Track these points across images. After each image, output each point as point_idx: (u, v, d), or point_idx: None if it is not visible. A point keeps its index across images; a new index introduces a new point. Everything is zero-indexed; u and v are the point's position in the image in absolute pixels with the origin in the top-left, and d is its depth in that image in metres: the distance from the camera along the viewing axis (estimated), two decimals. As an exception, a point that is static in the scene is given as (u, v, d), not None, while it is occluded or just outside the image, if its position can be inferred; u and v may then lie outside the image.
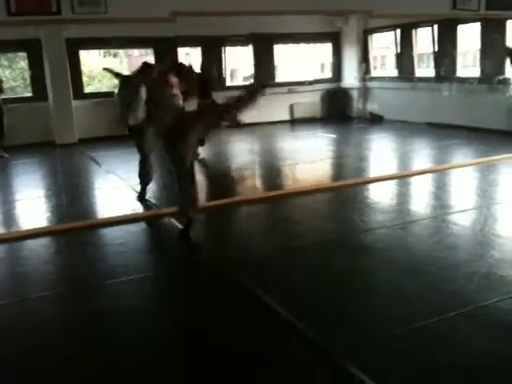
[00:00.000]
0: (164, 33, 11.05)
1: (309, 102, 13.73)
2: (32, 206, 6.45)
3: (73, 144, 10.97)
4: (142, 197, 6.28)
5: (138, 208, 6.03)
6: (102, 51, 19.32)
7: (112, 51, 19.88)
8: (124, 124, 5.89)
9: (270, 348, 3.02)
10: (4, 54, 12.46)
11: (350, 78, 13.88)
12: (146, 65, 5.61)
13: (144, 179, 6.32)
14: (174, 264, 4.53)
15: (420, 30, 12.13)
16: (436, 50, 11.64)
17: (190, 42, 12.57)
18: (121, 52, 21.82)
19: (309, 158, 8.86)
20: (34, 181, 8.07)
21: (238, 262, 4.33)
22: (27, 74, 12.02)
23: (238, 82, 14.37)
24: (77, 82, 11.54)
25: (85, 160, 9.43)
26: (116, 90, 10.55)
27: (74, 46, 11.34)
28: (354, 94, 13.70)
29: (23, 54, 12.01)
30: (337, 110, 13.74)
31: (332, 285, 3.85)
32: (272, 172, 8.28)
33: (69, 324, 3.47)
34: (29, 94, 11.71)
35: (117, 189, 7.05)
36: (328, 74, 14.79)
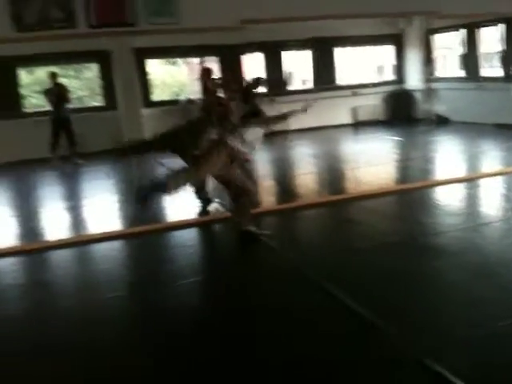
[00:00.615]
0: (228, 40, 11.30)
1: (371, 104, 13.65)
2: (106, 209, 6.75)
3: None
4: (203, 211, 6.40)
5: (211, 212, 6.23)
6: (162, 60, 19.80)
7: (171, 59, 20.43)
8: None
9: (352, 349, 3.06)
10: (76, 64, 13.01)
11: (414, 79, 13.70)
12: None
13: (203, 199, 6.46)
14: (246, 265, 4.63)
15: (485, 29, 11.85)
16: (503, 49, 11.34)
17: (252, 48, 12.74)
18: (179, 60, 22.34)
19: (374, 160, 8.83)
20: (108, 186, 8.43)
21: (311, 262, 4.40)
22: (94, 84, 12.55)
23: (298, 86, 14.45)
24: (144, 91, 11.97)
25: (154, 166, 9.73)
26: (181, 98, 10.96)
27: (142, 56, 11.77)
28: (419, 96, 13.50)
29: (89, 65, 12.57)
30: (400, 113, 13.58)
31: (405, 286, 3.86)
32: (336, 175, 8.30)
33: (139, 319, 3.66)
34: (99, 104, 12.24)
35: (187, 192, 7.27)
36: (390, 75, 14.64)
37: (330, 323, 3.39)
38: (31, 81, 12.85)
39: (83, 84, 17.61)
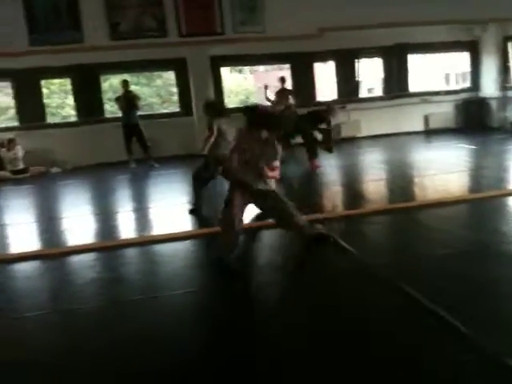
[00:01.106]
0: (300, 48, 11.48)
1: (444, 112, 13.46)
2: (178, 211, 7.03)
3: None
4: None
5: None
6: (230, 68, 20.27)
7: (237, 68, 20.90)
8: None
9: (434, 353, 3.13)
10: (154, 72, 13.56)
11: (489, 87, 13.40)
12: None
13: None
14: (324, 267, 4.74)
15: None
16: None
17: (324, 55, 12.86)
18: (245, 68, 22.63)
19: (446, 168, 8.73)
20: (181, 188, 8.76)
21: (391, 265, 4.47)
22: (163, 91, 13.06)
23: (365, 93, 14.49)
24: (218, 98, 12.33)
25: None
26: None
27: (216, 63, 12.12)
28: (494, 104, 13.20)
29: (161, 73, 13.09)
30: (474, 120, 13.32)
31: (489, 292, 3.85)
32: (408, 182, 8.28)
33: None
34: (174, 110, 12.73)
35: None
36: (464, 83, 14.39)
37: (408, 323, 3.47)
38: (105, 88, 13.54)
39: (153, 91, 18.35)
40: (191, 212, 6.68)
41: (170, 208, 7.18)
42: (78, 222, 6.81)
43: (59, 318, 3.97)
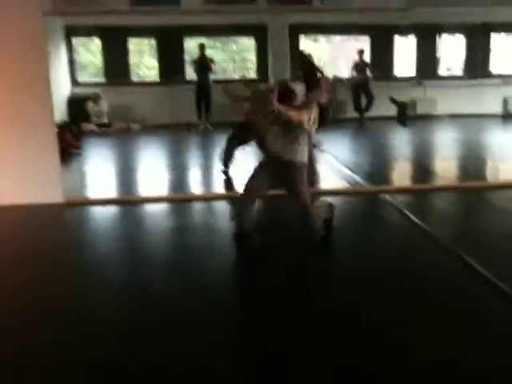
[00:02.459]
0: (380, 20, 11.40)
1: (525, 95, 13.06)
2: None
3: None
4: None
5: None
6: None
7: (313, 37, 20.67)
8: None
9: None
10: (235, 37, 13.79)
11: None
12: None
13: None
14: (400, 237, 4.88)
15: None
16: None
17: (405, 29, 12.67)
18: (321, 38, 22.26)
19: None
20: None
21: (461, 240, 4.57)
22: (237, 57, 13.32)
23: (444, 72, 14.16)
24: (292, 65, 12.47)
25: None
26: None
27: (295, 32, 12.24)
28: None
29: (229, 39, 13.35)
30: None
31: None
32: (482, 163, 8.22)
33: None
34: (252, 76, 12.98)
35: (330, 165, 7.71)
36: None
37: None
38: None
39: (227, 56, 18.59)
40: (223, 173, 6.98)
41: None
42: (151, 175, 7.40)
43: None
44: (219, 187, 6.76)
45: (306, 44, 13.01)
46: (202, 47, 11.26)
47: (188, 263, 4.18)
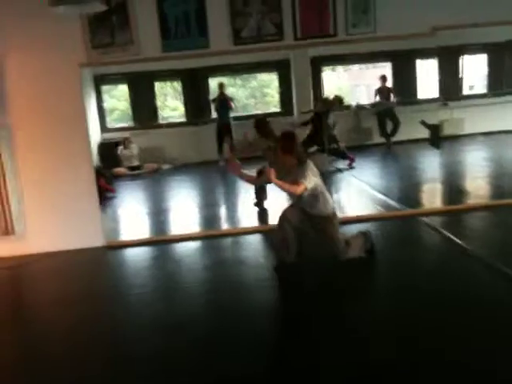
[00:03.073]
0: (401, 46, 11.52)
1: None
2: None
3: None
4: None
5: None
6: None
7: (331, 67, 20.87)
8: None
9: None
10: (260, 73, 14.06)
11: None
12: None
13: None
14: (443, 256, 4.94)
15: None
16: None
17: (426, 53, 12.77)
18: (339, 68, 22.51)
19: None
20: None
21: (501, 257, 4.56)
22: (257, 93, 13.51)
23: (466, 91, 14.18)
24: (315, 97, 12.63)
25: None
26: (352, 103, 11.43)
27: (317, 64, 12.45)
28: None
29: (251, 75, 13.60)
30: None
31: None
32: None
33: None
34: (276, 110, 13.18)
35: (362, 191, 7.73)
36: None
37: None
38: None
39: (248, 93, 18.92)
40: (255, 205, 7.16)
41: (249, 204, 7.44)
42: (183, 213, 7.58)
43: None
44: (254, 220, 6.84)
45: (325, 74, 13.22)
46: (221, 86, 11.51)
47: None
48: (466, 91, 13.62)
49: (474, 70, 14.23)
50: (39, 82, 5.53)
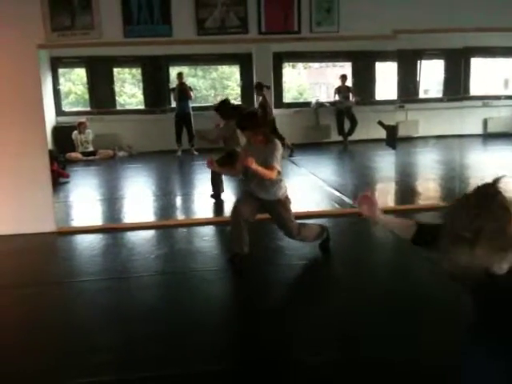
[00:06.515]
0: (362, 47, 11.68)
1: (503, 116, 13.40)
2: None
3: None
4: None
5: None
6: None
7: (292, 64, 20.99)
8: None
9: None
10: (221, 65, 14.04)
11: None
12: None
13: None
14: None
15: None
16: None
17: (386, 55, 12.99)
18: (299, 65, 22.67)
19: (503, 172, 8.78)
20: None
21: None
22: (217, 84, 13.53)
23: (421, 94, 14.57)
24: (279, 93, 12.69)
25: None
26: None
27: (279, 60, 12.50)
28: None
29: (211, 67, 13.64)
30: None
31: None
32: (464, 183, 8.37)
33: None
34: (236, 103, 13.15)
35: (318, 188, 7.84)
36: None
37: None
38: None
39: (208, 84, 18.84)
40: (212, 197, 7.11)
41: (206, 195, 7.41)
42: (137, 202, 7.52)
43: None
44: (209, 212, 6.84)
45: (286, 71, 13.30)
46: (180, 76, 11.47)
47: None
48: (421, 94, 13.95)
49: (431, 75, 14.58)
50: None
